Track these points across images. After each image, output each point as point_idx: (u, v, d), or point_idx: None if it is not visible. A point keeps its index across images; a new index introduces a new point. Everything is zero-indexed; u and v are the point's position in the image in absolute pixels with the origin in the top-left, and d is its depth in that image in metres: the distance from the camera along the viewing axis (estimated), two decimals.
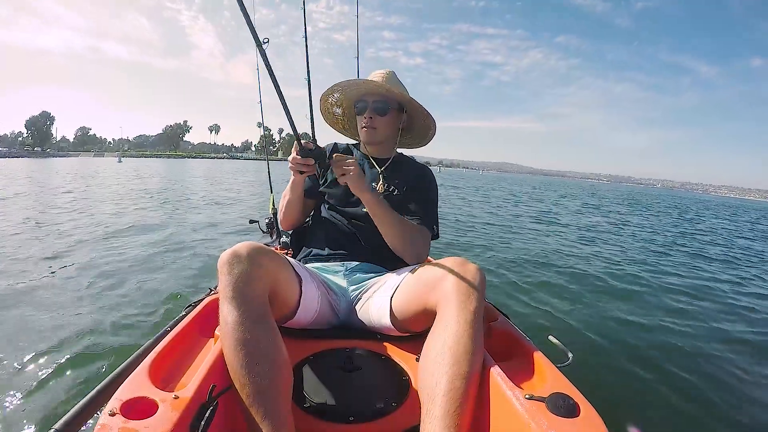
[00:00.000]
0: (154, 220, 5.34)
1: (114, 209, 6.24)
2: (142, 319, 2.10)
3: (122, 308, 2.21)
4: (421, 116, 1.32)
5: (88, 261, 3.14)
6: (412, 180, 1.31)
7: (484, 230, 6.50)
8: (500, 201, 13.55)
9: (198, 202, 8.01)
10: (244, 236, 4.66)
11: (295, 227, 1.38)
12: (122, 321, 2.05)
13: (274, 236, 2.16)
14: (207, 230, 4.90)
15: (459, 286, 0.84)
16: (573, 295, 3.19)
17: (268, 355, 0.74)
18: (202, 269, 3.08)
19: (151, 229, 4.72)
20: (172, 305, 2.27)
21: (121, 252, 3.48)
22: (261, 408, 0.69)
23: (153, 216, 5.74)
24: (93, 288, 2.52)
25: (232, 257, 0.84)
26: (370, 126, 1.27)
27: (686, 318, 2.91)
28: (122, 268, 2.98)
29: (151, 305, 2.28)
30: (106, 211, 6.00)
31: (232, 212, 6.74)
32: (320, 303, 1.07)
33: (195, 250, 3.74)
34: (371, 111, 1.26)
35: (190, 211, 6.60)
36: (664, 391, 1.84)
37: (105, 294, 2.42)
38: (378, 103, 1.26)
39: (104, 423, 0.59)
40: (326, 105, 1.39)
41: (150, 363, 0.75)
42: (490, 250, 4.80)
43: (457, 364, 0.74)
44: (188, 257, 3.46)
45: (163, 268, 3.08)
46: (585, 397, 0.70)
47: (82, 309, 2.18)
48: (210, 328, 1.00)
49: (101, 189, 9.89)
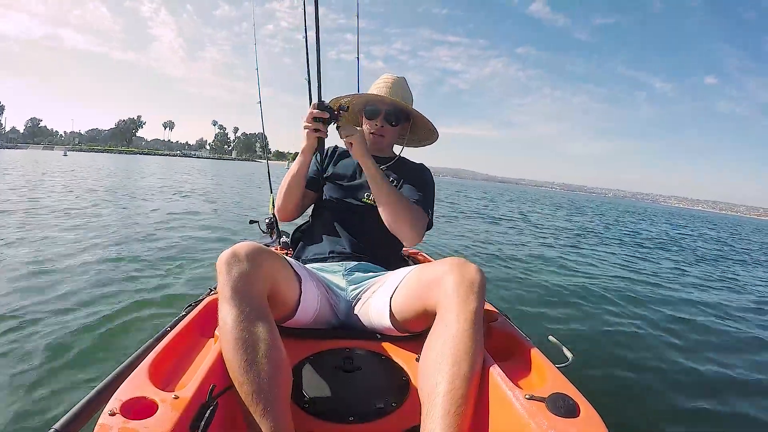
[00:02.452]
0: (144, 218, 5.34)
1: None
2: (142, 319, 2.10)
3: (122, 308, 2.20)
4: (425, 127, 1.38)
5: (86, 260, 3.14)
6: (410, 175, 1.33)
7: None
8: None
9: (191, 202, 8.01)
10: (243, 237, 4.66)
11: (293, 217, 1.35)
12: (122, 321, 2.05)
13: (274, 236, 2.16)
14: (206, 230, 4.90)
15: (459, 286, 0.84)
16: (573, 295, 3.19)
17: (267, 355, 0.74)
18: (202, 269, 3.08)
19: (148, 229, 4.71)
20: (172, 305, 2.27)
21: (120, 251, 3.48)
22: (260, 407, 0.69)
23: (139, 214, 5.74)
24: (92, 288, 2.52)
25: (231, 257, 0.84)
26: (379, 134, 1.32)
27: (686, 318, 2.91)
28: (122, 268, 2.98)
29: (151, 305, 2.28)
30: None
31: (222, 212, 6.75)
32: (320, 303, 1.07)
33: (195, 249, 3.74)
34: (382, 120, 1.30)
35: (189, 211, 6.60)
36: (664, 391, 1.84)
37: (105, 294, 2.41)
38: (390, 113, 1.30)
39: (104, 423, 0.59)
40: (336, 102, 1.40)
41: (150, 363, 0.75)
42: (483, 250, 4.81)
43: (457, 364, 0.74)
44: (188, 257, 3.46)
45: (164, 268, 3.08)
46: (585, 397, 0.70)
47: (81, 309, 2.17)
48: (210, 328, 1.00)
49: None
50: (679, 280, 4.26)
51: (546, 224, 9.58)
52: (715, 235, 14.86)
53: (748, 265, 6.70)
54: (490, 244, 5.23)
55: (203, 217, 6.09)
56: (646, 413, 1.67)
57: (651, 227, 13.93)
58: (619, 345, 2.30)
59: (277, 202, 1.32)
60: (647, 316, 2.86)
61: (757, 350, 2.50)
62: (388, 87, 1.31)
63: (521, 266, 4.03)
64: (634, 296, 3.38)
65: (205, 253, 3.65)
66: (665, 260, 5.52)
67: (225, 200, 8.95)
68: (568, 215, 14.87)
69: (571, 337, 2.31)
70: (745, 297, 3.98)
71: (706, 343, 2.46)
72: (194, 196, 9.12)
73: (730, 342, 2.57)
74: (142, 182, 12.28)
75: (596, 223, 12.32)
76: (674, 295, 3.54)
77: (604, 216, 17.71)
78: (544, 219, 11.64)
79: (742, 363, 2.24)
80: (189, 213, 6.27)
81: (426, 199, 1.27)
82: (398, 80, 1.34)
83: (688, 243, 9.41)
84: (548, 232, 7.64)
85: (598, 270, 4.20)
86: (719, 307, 3.35)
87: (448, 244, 5.03)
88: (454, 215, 9.38)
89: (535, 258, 4.53)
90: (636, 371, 2.00)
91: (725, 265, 6.20)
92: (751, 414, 1.75)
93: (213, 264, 0.91)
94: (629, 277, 4.10)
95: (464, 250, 4.85)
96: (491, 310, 1.16)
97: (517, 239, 5.90)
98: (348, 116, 1.45)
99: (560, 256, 4.82)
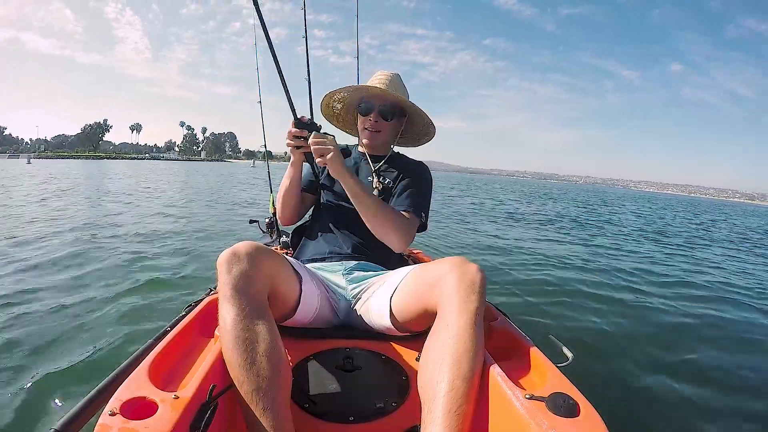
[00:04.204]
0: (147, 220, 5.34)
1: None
2: (142, 319, 2.10)
3: (122, 308, 2.20)
4: (422, 122, 1.35)
5: (84, 261, 3.14)
6: (408, 172, 1.32)
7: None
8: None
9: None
10: (243, 236, 4.66)
11: (293, 221, 1.36)
12: (122, 321, 2.05)
13: (274, 236, 2.16)
14: (205, 231, 4.90)
15: (459, 285, 0.84)
16: (573, 295, 3.19)
17: (267, 354, 0.74)
18: (201, 269, 3.08)
19: (147, 228, 4.72)
20: (172, 305, 2.27)
21: (117, 251, 3.48)
22: (260, 406, 0.69)
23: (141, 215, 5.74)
24: (91, 288, 2.52)
25: (231, 256, 0.84)
26: (374, 129, 1.30)
27: (686, 318, 2.91)
28: (121, 268, 2.98)
29: (151, 305, 2.28)
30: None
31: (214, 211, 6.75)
32: (320, 302, 1.07)
33: (194, 250, 3.74)
34: (377, 115, 1.28)
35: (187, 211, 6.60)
36: (665, 390, 1.84)
37: (104, 293, 2.41)
38: (384, 108, 1.28)
39: (104, 423, 0.59)
40: (329, 100, 1.39)
41: (150, 363, 0.75)
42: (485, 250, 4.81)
43: (457, 364, 0.74)
44: (187, 257, 3.46)
45: (163, 267, 3.08)
46: (585, 397, 0.70)
47: (81, 309, 2.17)
48: (210, 328, 1.00)
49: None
50: (682, 276, 4.25)
51: (538, 217, 9.59)
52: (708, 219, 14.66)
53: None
54: (486, 239, 5.23)
55: (203, 216, 6.09)
56: (646, 413, 1.67)
57: (649, 217, 13.96)
58: (619, 344, 2.30)
59: (278, 211, 1.34)
60: (648, 316, 2.86)
61: (760, 348, 2.50)
62: (382, 83, 1.29)
63: (520, 264, 4.03)
64: (634, 296, 3.38)
65: (205, 253, 3.65)
66: (669, 255, 5.52)
67: (222, 200, 8.96)
68: (555, 205, 14.95)
69: (571, 337, 2.31)
70: (748, 295, 3.98)
71: (706, 343, 2.46)
72: (186, 197, 9.11)
73: (730, 342, 2.56)
74: (122, 185, 11.90)
75: (585, 213, 12.41)
76: (676, 294, 3.53)
77: (592, 204, 17.80)
78: (534, 210, 11.72)
79: (743, 362, 2.24)
80: (188, 213, 6.28)
81: (420, 202, 1.26)
82: (392, 76, 1.32)
83: (694, 233, 9.32)
84: (543, 225, 7.65)
85: (598, 268, 4.20)
86: (720, 308, 3.35)
87: (447, 242, 5.03)
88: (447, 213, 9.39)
89: (534, 255, 4.53)
90: (636, 371, 1.99)
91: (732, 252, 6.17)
92: (752, 414, 1.75)
93: (212, 264, 0.91)
94: (630, 274, 4.10)
95: (464, 248, 4.84)
96: (491, 310, 1.16)
97: (516, 234, 5.90)
98: (346, 115, 1.45)
99: (559, 255, 4.82)
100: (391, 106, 1.28)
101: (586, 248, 5.57)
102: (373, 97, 1.29)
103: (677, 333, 2.59)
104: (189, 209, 6.89)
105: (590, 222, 9.56)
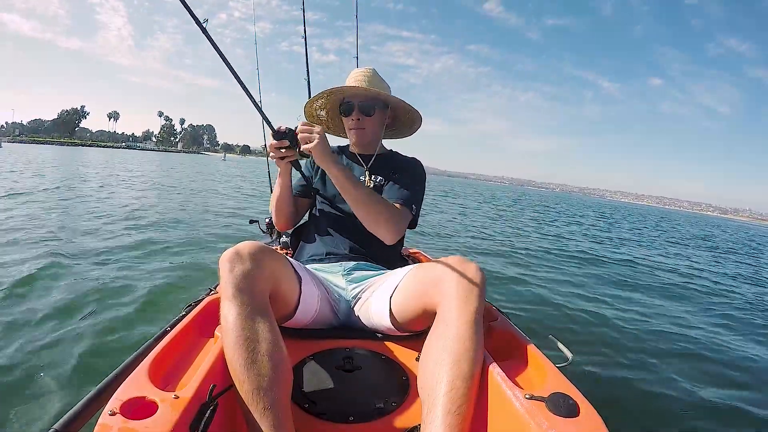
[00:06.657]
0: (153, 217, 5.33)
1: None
2: (142, 318, 2.10)
3: (122, 308, 2.20)
4: (405, 111, 1.35)
5: (83, 261, 3.14)
6: (400, 169, 1.31)
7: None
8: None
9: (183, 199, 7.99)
10: (243, 236, 4.65)
11: (289, 227, 1.36)
12: (122, 320, 2.05)
13: (274, 236, 2.16)
14: (205, 230, 4.89)
15: (459, 285, 0.84)
16: (573, 294, 3.19)
17: (268, 353, 0.74)
18: (201, 269, 3.08)
19: (151, 226, 4.71)
20: (172, 305, 2.27)
21: (117, 250, 3.48)
22: (260, 406, 0.69)
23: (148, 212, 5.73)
24: (90, 287, 2.52)
25: (233, 256, 0.85)
26: (359, 127, 1.30)
27: (686, 318, 2.91)
28: (120, 267, 2.98)
29: (151, 305, 2.28)
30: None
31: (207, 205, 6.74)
32: (319, 303, 1.07)
33: (194, 250, 3.73)
34: (358, 113, 1.28)
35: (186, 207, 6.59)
36: (665, 390, 1.84)
37: (104, 293, 2.41)
38: (364, 104, 1.28)
39: (104, 423, 0.59)
40: (311, 110, 1.41)
41: (150, 363, 0.75)
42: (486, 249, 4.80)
43: (457, 363, 0.74)
44: (187, 257, 3.46)
45: (163, 267, 3.08)
46: (585, 397, 0.70)
47: (80, 309, 2.17)
48: (210, 328, 1.00)
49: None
50: (684, 281, 4.26)
51: (538, 217, 9.60)
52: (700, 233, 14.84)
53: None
54: (486, 239, 5.23)
55: (201, 217, 6.09)
56: (646, 413, 1.67)
57: (641, 225, 14.17)
58: (619, 344, 2.30)
59: (272, 216, 1.34)
60: (648, 316, 2.86)
61: (760, 348, 2.50)
62: (358, 81, 1.29)
63: (520, 264, 4.03)
64: (635, 296, 3.38)
65: (205, 253, 3.65)
66: (671, 259, 5.52)
67: (220, 200, 8.95)
68: (551, 212, 14.92)
69: (571, 337, 2.31)
70: (749, 296, 3.98)
71: (707, 343, 2.46)
72: (183, 194, 9.11)
73: (731, 341, 2.56)
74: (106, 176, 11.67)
75: (584, 216, 12.41)
76: (677, 294, 3.53)
77: (580, 213, 17.82)
78: (534, 217, 11.70)
79: (743, 362, 2.24)
80: (186, 214, 6.27)
81: (411, 195, 1.24)
82: (366, 71, 1.32)
83: (694, 244, 9.41)
84: (542, 226, 7.65)
85: (598, 268, 4.20)
86: (720, 308, 3.35)
87: (448, 243, 5.03)
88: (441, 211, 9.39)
89: (534, 255, 4.53)
90: (636, 371, 2.00)
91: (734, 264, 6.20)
92: (752, 413, 1.75)
93: (212, 264, 0.91)
94: (630, 275, 4.10)
95: (463, 248, 4.84)
96: (491, 310, 1.16)
97: (514, 235, 5.91)
98: (332, 120, 1.46)
99: (559, 255, 4.82)
100: (370, 100, 1.28)
101: (586, 248, 5.57)
102: (352, 96, 1.28)
103: (677, 333, 2.59)
104: (180, 204, 6.86)
105: (590, 223, 9.58)
